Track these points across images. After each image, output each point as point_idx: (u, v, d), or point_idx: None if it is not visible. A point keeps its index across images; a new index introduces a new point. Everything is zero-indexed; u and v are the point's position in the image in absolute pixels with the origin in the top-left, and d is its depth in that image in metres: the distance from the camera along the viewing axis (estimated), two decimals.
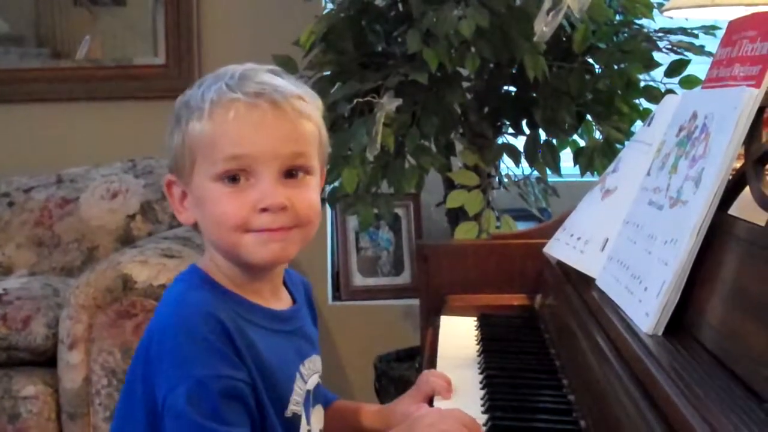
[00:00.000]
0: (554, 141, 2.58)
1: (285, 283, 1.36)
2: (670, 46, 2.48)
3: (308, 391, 1.31)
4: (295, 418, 1.27)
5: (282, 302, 1.33)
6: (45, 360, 2.60)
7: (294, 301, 1.36)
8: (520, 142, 2.64)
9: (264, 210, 1.20)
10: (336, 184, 2.54)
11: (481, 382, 1.45)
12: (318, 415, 1.36)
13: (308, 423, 1.30)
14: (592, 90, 2.51)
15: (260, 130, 1.21)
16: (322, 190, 2.51)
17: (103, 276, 2.49)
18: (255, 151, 1.20)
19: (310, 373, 1.32)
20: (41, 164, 3.29)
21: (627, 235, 1.37)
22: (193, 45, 3.37)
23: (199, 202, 1.24)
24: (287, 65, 2.54)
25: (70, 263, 3.10)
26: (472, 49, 2.38)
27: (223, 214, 1.21)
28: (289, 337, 1.30)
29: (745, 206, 1.10)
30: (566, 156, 2.62)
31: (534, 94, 2.55)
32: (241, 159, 1.20)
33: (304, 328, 1.36)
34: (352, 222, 3.30)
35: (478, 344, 1.66)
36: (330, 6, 2.81)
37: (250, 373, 1.19)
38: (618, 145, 2.45)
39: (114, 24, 3.47)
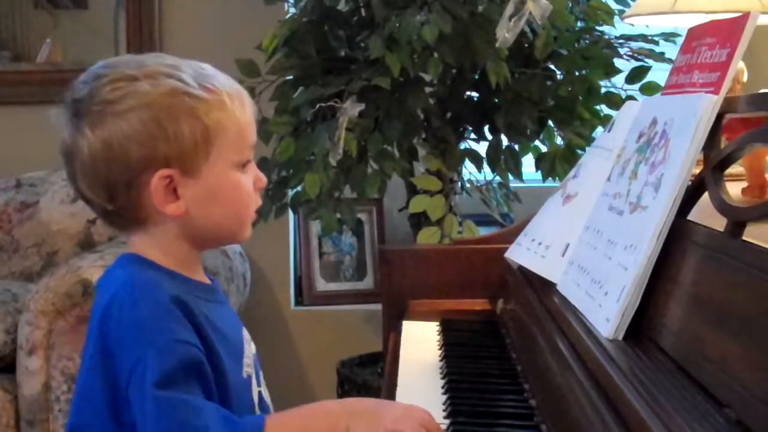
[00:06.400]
0: (516, 146, 2.60)
1: None
2: (630, 53, 2.50)
3: (254, 354, 1.36)
4: (248, 381, 1.31)
5: (204, 278, 1.38)
6: (3, 366, 2.57)
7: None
8: (482, 148, 2.65)
9: (260, 189, 1.33)
10: (299, 188, 2.53)
11: (443, 387, 1.45)
12: (261, 378, 1.40)
13: (258, 384, 1.35)
14: (554, 96, 2.53)
15: (253, 120, 1.32)
16: (285, 194, 2.54)
17: (62, 281, 2.47)
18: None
19: (249, 338, 1.37)
20: (0, 168, 3.26)
21: (587, 240, 1.37)
22: (155, 49, 3.33)
23: (215, 190, 1.27)
24: (250, 69, 2.54)
25: (30, 268, 3.07)
26: (435, 55, 2.39)
27: (248, 197, 1.30)
28: (225, 306, 1.37)
29: (704, 212, 1.11)
30: (528, 161, 2.63)
31: (496, 100, 2.56)
32: (252, 147, 1.31)
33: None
34: (315, 227, 3.29)
35: (440, 349, 1.66)
36: (293, 11, 2.81)
37: (212, 342, 1.21)
38: (579, 151, 2.47)
39: (75, 27, 3.44)
